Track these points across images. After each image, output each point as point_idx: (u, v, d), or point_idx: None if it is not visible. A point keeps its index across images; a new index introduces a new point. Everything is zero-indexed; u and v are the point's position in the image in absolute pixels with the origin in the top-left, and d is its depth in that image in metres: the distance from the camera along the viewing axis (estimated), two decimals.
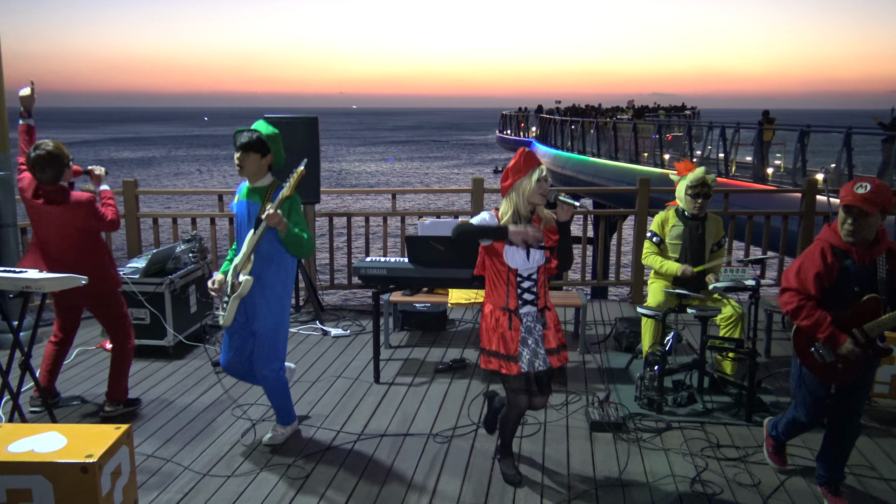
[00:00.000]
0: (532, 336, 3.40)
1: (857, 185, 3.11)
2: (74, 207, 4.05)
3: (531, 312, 3.43)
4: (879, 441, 4.09)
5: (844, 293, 3.17)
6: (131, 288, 5.25)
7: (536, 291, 3.42)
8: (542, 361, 3.39)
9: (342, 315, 6.66)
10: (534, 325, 3.42)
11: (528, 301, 3.42)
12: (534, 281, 3.41)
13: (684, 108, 37.30)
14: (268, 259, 3.78)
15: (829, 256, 3.17)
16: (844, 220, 3.13)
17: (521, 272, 3.39)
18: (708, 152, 18.52)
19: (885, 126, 14.12)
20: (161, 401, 4.66)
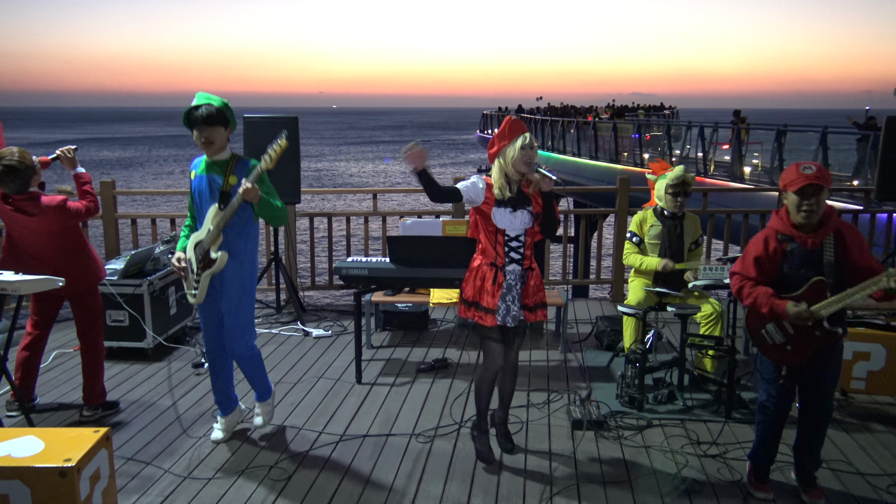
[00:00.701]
0: (511, 293, 3.60)
1: (802, 167, 3.19)
2: (46, 212, 4.00)
3: (516, 270, 3.60)
4: (856, 437, 4.15)
5: (792, 277, 3.24)
6: (109, 290, 5.19)
7: (523, 252, 3.60)
8: (514, 318, 3.60)
9: (324, 316, 6.63)
10: (515, 282, 3.61)
11: (515, 259, 3.59)
12: (521, 242, 3.58)
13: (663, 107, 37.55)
14: (237, 233, 3.76)
15: (773, 242, 3.26)
16: (801, 204, 3.17)
17: (509, 232, 3.56)
18: (687, 151, 18.69)
19: (859, 126, 14.33)
20: (141, 403, 4.61)
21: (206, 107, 3.62)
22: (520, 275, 3.62)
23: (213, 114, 3.62)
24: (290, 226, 6.89)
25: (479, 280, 3.61)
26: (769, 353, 3.36)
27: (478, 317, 3.61)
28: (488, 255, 3.60)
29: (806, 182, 3.13)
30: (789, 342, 3.27)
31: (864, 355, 4.66)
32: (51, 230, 4.05)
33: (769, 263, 3.27)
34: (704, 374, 4.76)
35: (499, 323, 3.59)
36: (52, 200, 4.03)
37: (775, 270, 3.28)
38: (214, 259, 3.71)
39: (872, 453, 3.95)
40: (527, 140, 3.46)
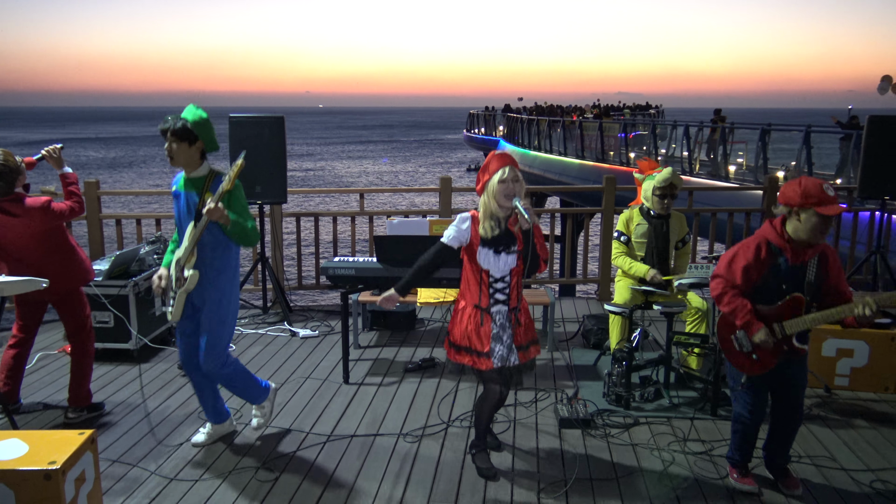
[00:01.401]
0: (505, 334, 3.48)
1: (825, 186, 3.10)
2: (30, 214, 3.97)
3: (502, 311, 3.49)
4: (839, 432, 4.19)
5: (772, 290, 3.28)
6: (94, 290, 5.15)
7: (508, 293, 3.48)
8: (516, 357, 3.50)
9: (311, 316, 6.62)
10: (506, 322, 3.49)
11: (500, 301, 3.48)
12: (506, 283, 3.47)
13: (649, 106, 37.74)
14: (211, 250, 3.68)
15: (764, 252, 3.24)
16: (825, 228, 3.12)
17: (493, 273, 3.44)
18: (672, 150, 18.79)
19: (842, 125, 14.48)
20: (126, 405, 4.58)
21: (175, 119, 3.56)
22: (507, 316, 3.50)
23: (178, 129, 3.54)
24: (277, 226, 6.87)
25: (464, 324, 3.50)
26: (734, 359, 3.42)
27: (473, 361, 3.49)
28: (472, 296, 3.49)
29: (835, 211, 3.07)
30: (755, 351, 3.33)
31: (848, 352, 4.71)
32: (34, 231, 4.01)
33: (756, 273, 3.26)
34: (690, 372, 4.79)
35: (496, 366, 3.45)
36: (37, 202, 3.99)
37: (759, 280, 3.28)
38: (186, 277, 3.65)
39: (856, 449, 3.99)
40: (506, 173, 3.33)
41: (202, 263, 3.68)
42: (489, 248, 3.42)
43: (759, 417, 3.50)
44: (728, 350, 3.44)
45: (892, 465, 3.81)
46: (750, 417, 3.49)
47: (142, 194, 20.57)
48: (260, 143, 6.18)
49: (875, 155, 6.42)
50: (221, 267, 3.74)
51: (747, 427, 3.52)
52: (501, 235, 3.42)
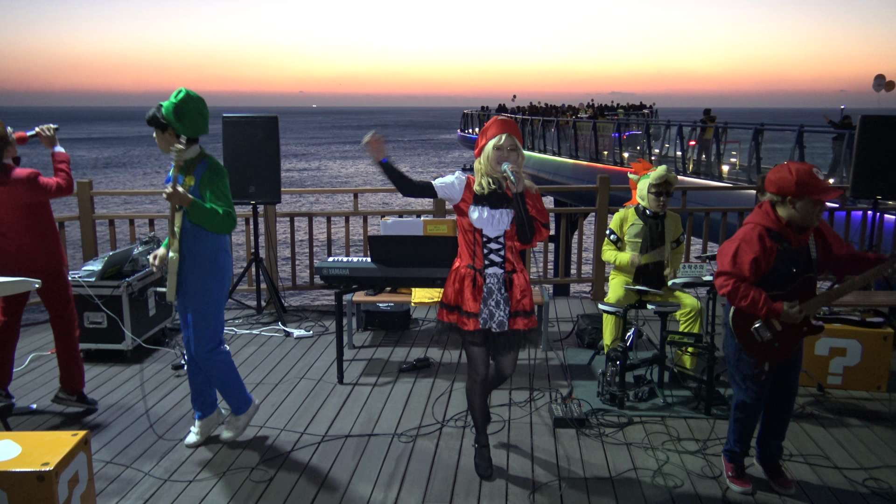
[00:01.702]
0: (493, 297, 3.43)
1: (815, 170, 3.17)
2: (16, 185, 3.95)
3: (497, 274, 3.44)
4: (833, 431, 4.20)
5: (784, 275, 3.27)
6: (87, 291, 5.14)
7: (504, 255, 3.44)
8: (499, 324, 3.42)
9: (305, 316, 6.61)
10: (498, 286, 3.44)
11: (495, 262, 3.43)
12: (501, 244, 3.42)
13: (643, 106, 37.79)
14: (192, 235, 3.70)
15: (768, 241, 3.23)
16: (812, 210, 3.17)
17: (487, 233, 3.41)
18: (666, 150, 18.84)
19: (835, 124, 14.54)
20: (119, 406, 4.57)
21: (153, 108, 3.66)
22: (502, 279, 3.46)
23: (148, 117, 3.66)
24: (271, 226, 6.86)
25: (457, 283, 3.48)
26: (756, 352, 3.35)
27: (460, 321, 3.47)
28: (467, 256, 3.47)
29: (832, 195, 3.16)
30: (777, 340, 3.31)
31: (841, 351, 4.73)
32: (19, 204, 3.98)
33: (765, 263, 3.24)
34: (684, 371, 4.81)
35: (481, 327, 3.44)
36: (23, 173, 3.97)
37: (768, 269, 3.26)
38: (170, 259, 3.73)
39: (849, 448, 4.00)
40: (502, 140, 3.33)
41: (183, 249, 3.72)
42: (482, 205, 3.39)
43: (763, 405, 3.50)
44: (748, 345, 3.36)
45: (885, 463, 3.82)
46: (755, 406, 3.47)
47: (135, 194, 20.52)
48: (253, 143, 6.17)
49: (867, 154, 6.45)
50: (197, 254, 3.73)
51: (751, 416, 3.50)
52: (495, 193, 3.39)
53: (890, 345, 4.71)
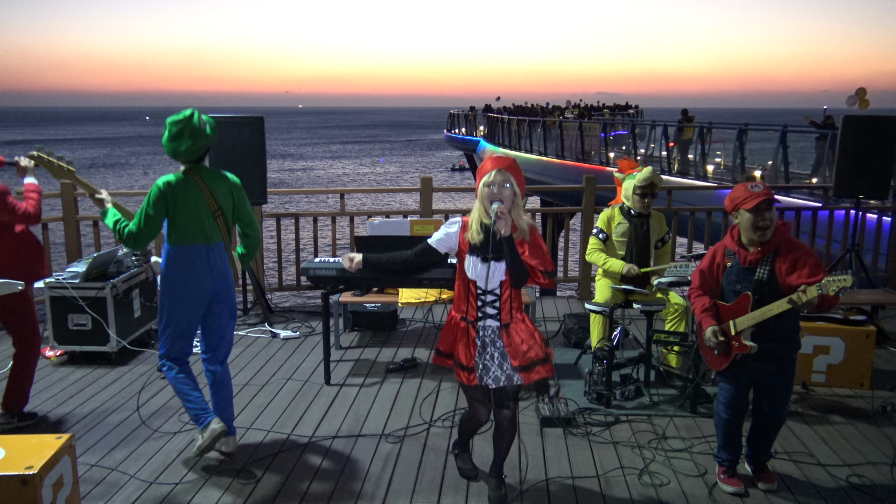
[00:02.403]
0: (488, 351, 3.22)
1: (750, 185, 3.32)
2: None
3: (491, 327, 3.22)
4: (817, 428, 4.24)
5: (727, 291, 3.49)
6: (71, 293, 5.10)
7: (499, 306, 3.20)
8: (494, 380, 3.20)
9: (291, 317, 6.59)
10: (493, 340, 3.22)
11: (489, 315, 3.22)
12: (496, 296, 3.19)
13: (628, 106, 37.95)
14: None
15: (718, 257, 3.51)
16: (757, 221, 3.27)
17: (480, 285, 3.19)
18: (651, 150, 18.94)
19: (817, 125, 14.67)
20: (105, 408, 4.53)
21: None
22: (496, 332, 3.22)
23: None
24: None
25: (452, 334, 3.29)
26: (705, 354, 3.61)
27: (461, 375, 3.27)
28: (461, 306, 3.26)
29: (759, 199, 3.25)
30: (717, 348, 3.47)
31: (824, 349, 4.78)
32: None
33: (710, 277, 3.53)
34: (670, 370, 4.84)
35: (477, 383, 3.23)
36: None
37: (717, 283, 3.52)
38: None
39: (833, 444, 4.04)
40: (492, 177, 3.10)
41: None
42: (475, 255, 3.18)
43: (736, 414, 3.55)
44: (701, 345, 3.62)
45: (867, 459, 3.87)
46: (726, 412, 3.56)
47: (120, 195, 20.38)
48: (239, 144, 6.14)
49: (850, 154, 6.51)
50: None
51: (726, 423, 3.58)
52: (487, 243, 3.13)
53: (872, 342, 4.76)
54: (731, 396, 3.54)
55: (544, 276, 3.18)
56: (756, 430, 3.61)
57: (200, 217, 3.60)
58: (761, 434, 3.59)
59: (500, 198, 3.10)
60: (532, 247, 3.15)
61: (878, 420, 4.36)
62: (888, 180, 6.53)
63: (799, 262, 3.29)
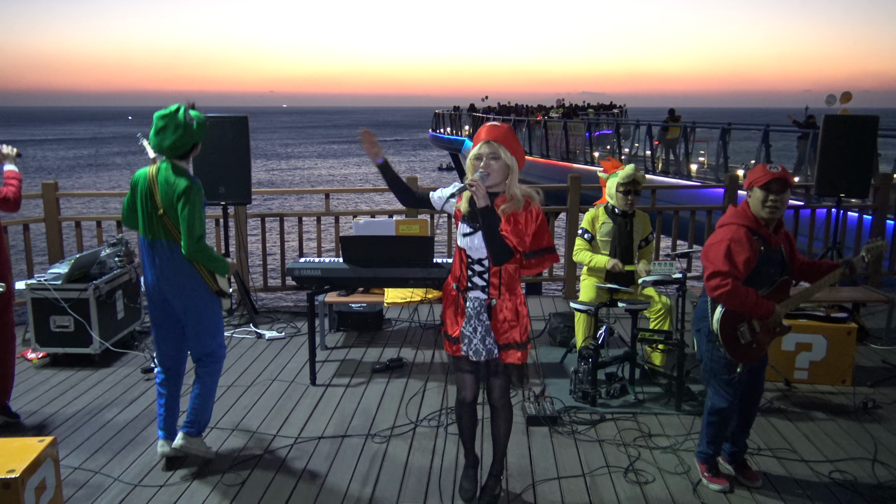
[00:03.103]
0: (471, 323, 3.16)
1: (769, 166, 3.32)
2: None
3: (479, 299, 3.16)
4: (799, 425, 4.29)
5: (765, 276, 3.36)
6: (53, 295, 5.05)
7: (488, 279, 3.13)
8: (475, 352, 3.16)
9: (276, 317, 6.56)
10: (479, 311, 3.16)
11: (478, 286, 3.16)
12: (484, 267, 3.13)
13: (612, 106, 38.14)
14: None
15: (751, 242, 3.29)
16: (766, 199, 3.27)
17: (470, 254, 3.15)
18: (635, 150, 19.04)
19: (799, 124, 14.81)
20: (88, 411, 4.49)
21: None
22: (483, 304, 3.16)
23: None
24: (241, 227, 6.80)
25: (445, 303, 3.29)
26: (737, 353, 3.39)
27: (444, 341, 3.29)
28: (455, 274, 3.24)
29: (772, 177, 3.25)
30: (755, 340, 3.39)
31: (807, 346, 4.82)
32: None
33: (753, 263, 3.30)
34: (655, 368, 4.87)
35: (462, 353, 3.21)
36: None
37: (755, 270, 3.33)
38: None
39: (815, 441, 4.08)
40: (479, 149, 3.06)
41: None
42: (464, 224, 3.15)
43: (736, 408, 3.56)
44: (731, 345, 3.38)
45: (849, 455, 3.91)
46: (729, 409, 3.53)
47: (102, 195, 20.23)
48: (223, 144, 6.11)
49: (831, 153, 6.58)
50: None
51: (724, 419, 3.55)
52: (473, 213, 3.09)
53: (854, 339, 4.82)
54: (737, 391, 3.49)
55: (524, 256, 3.09)
56: (742, 423, 3.64)
57: (145, 211, 3.62)
58: (747, 417, 3.63)
59: (488, 171, 3.04)
60: (515, 223, 3.06)
61: (859, 416, 4.41)
62: (868, 179, 6.60)
63: (791, 240, 3.45)
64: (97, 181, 41.77)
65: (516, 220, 3.06)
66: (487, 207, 3.01)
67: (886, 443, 4.06)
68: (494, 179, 3.06)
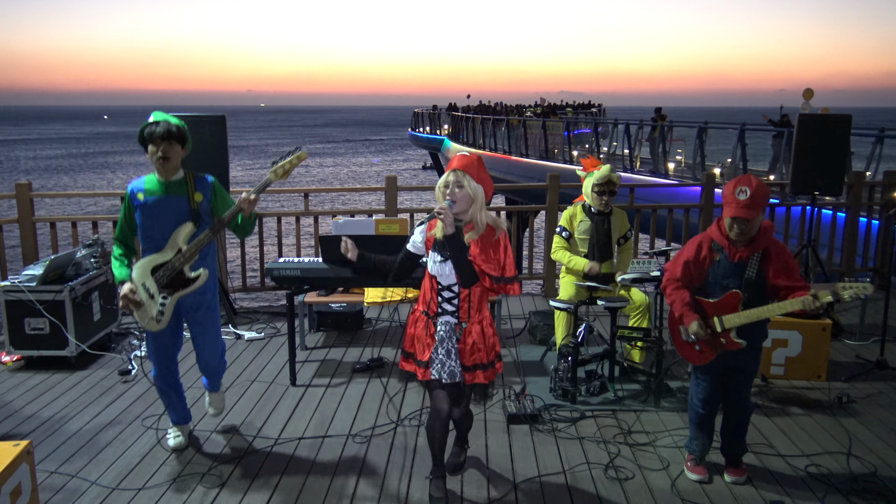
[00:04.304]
0: (444, 346, 3.26)
1: (738, 190, 3.26)
2: None
3: (449, 323, 3.27)
4: (776, 420, 4.34)
5: (714, 286, 3.45)
6: (27, 296, 4.98)
7: (458, 304, 3.25)
8: (450, 374, 3.24)
9: (256, 318, 6.52)
10: (448, 335, 3.26)
11: (448, 311, 3.27)
12: (454, 293, 3.25)
13: (591, 105, 38.33)
14: (207, 250, 3.78)
15: (704, 249, 3.44)
16: (731, 226, 3.33)
17: (440, 280, 3.26)
18: (613, 148, 19.16)
19: (774, 123, 14.99)
20: (64, 414, 4.44)
21: (164, 123, 3.59)
22: (453, 329, 3.26)
23: (173, 130, 3.59)
24: None
25: (412, 329, 3.38)
26: (680, 348, 3.57)
27: (418, 371, 3.36)
28: (424, 301, 3.34)
29: (735, 214, 3.25)
30: (698, 343, 3.48)
31: (783, 342, 4.89)
32: None
33: (696, 268, 3.45)
34: (634, 365, 4.90)
35: (434, 377, 3.28)
36: None
37: (702, 276, 3.46)
38: (192, 278, 3.68)
39: (791, 435, 4.14)
40: (448, 177, 3.17)
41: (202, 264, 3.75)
42: (436, 251, 3.25)
43: (711, 407, 3.61)
44: (676, 340, 3.57)
45: (824, 449, 3.97)
46: (701, 406, 3.61)
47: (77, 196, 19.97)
48: (201, 143, 6.05)
49: (805, 152, 6.66)
50: (213, 265, 3.87)
51: (700, 416, 3.64)
52: (442, 241, 3.21)
53: (828, 335, 4.89)
54: (707, 392, 3.58)
55: (492, 281, 3.17)
56: (728, 419, 3.67)
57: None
58: (733, 422, 3.65)
59: (454, 199, 3.16)
60: (483, 249, 3.16)
61: (834, 411, 4.47)
62: (842, 177, 6.70)
63: (787, 266, 3.35)
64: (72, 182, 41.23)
65: (487, 249, 3.17)
66: (454, 234, 3.14)
67: (861, 437, 4.12)
68: (460, 207, 3.18)
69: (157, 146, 3.56)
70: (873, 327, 5.83)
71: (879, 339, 5.32)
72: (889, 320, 5.50)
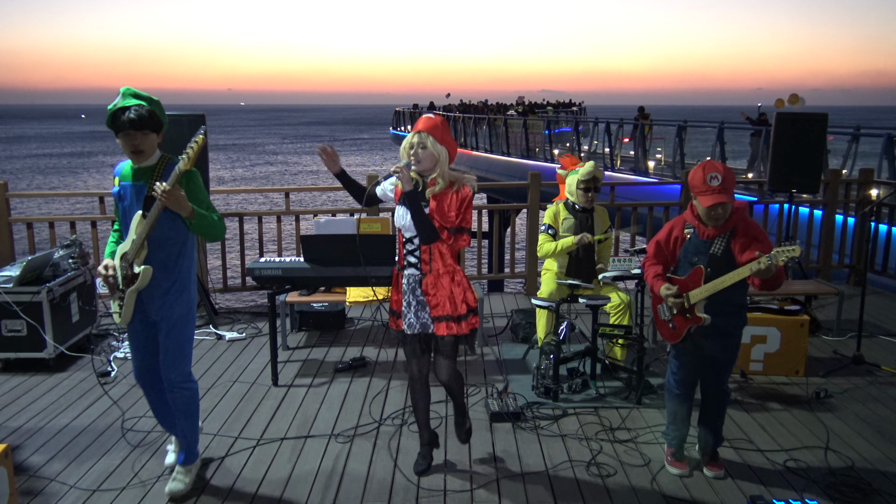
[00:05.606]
0: (411, 297, 3.42)
1: (710, 177, 3.32)
2: None
3: (414, 275, 3.41)
4: (755, 415, 4.39)
5: (683, 263, 3.56)
6: (4, 298, 4.91)
7: (420, 256, 3.37)
8: (409, 326, 3.43)
9: (237, 318, 6.48)
10: (411, 287, 3.41)
11: (412, 263, 3.41)
12: (415, 245, 3.37)
13: (572, 104, 38.47)
14: (169, 243, 3.30)
15: (676, 230, 3.58)
16: (708, 213, 3.37)
17: (404, 232, 3.39)
18: (594, 147, 19.25)
19: (752, 121, 15.14)
20: (43, 416, 4.39)
21: (135, 108, 3.12)
22: (417, 280, 3.40)
23: (145, 116, 3.13)
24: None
25: (393, 279, 3.55)
26: (659, 327, 3.70)
27: (391, 318, 3.57)
28: (400, 254, 3.49)
29: (714, 202, 3.30)
30: (672, 321, 3.56)
31: (761, 338, 4.94)
32: None
33: (666, 248, 3.59)
34: (615, 363, 4.93)
35: (405, 328, 3.46)
36: None
37: (673, 255, 3.59)
38: (137, 274, 3.25)
39: (770, 430, 4.19)
40: (413, 138, 3.29)
41: (156, 265, 3.29)
42: (402, 204, 3.37)
43: (685, 389, 3.66)
44: (657, 320, 3.69)
45: (803, 444, 4.02)
46: (677, 388, 3.67)
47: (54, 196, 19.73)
48: (180, 143, 5.99)
49: (783, 150, 6.74)
50: (187, 267, 3.39)
51: (677, 398, 3.68)
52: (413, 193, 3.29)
53: (806, 331, 4.95)
54: (682, 372, 3.64)
55: (449, 234, 3.31)
56: (705, 405, 3.71)
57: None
58: (710, 408, 3.69)
59: (418, 159, 3.29)
60: (439, 204, 3.30)
61: (812, 406, 4.53)
62: (818, 175, 6.78)
63: (754, 241, 3.40)
64: (47, 182, 40.70)
65: (441, 201, 3.30)
66: (411, 191, 3.28)
67: (838, 431, 4.18)
68: (424, 166, 3.32)
69: (128, 138, 3.15)
70: (850, 323, 5.91)
71: (856, 334, 5.39)
72: (865, 316, 5.58)
